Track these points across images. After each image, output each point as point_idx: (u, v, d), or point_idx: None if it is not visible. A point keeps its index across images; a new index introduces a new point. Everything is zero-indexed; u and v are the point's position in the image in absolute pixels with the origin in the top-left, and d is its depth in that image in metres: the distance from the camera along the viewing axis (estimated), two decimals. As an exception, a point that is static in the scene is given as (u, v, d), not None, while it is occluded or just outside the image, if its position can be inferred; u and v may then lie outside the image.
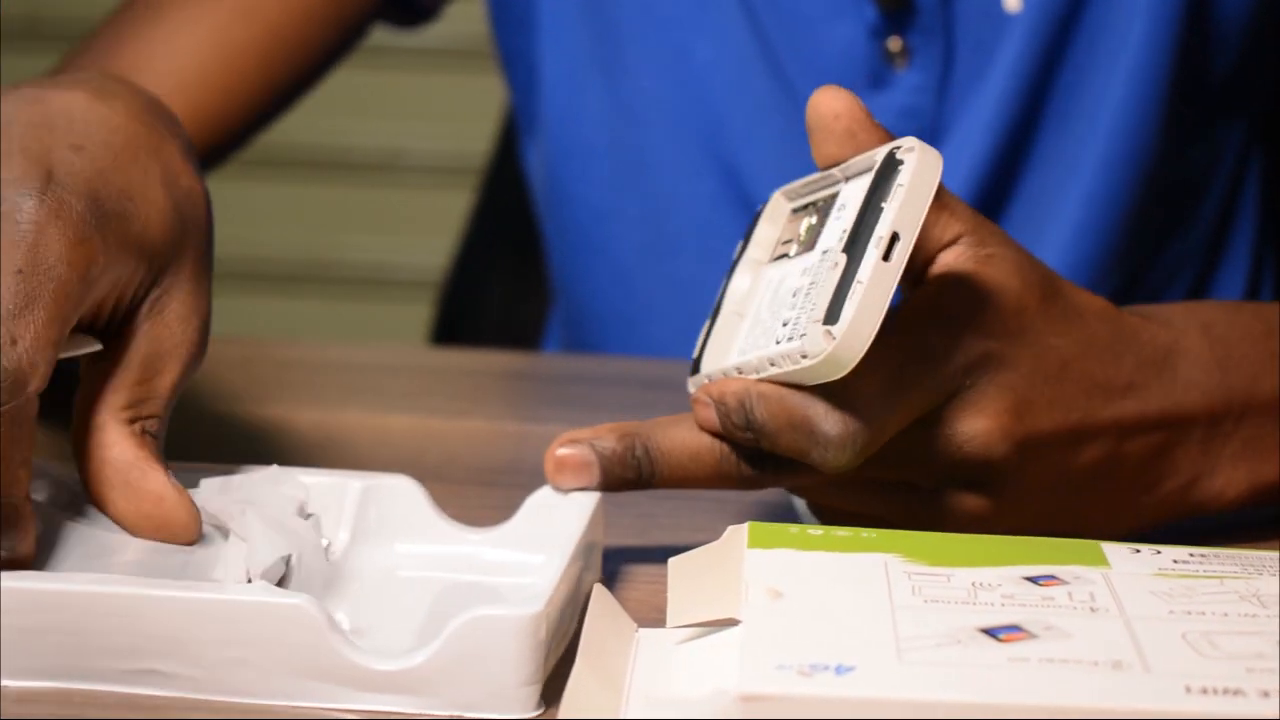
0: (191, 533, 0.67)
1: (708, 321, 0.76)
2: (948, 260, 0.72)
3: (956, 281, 0.71)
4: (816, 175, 0.73)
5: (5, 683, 0.62)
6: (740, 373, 0.70)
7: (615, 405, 0.96)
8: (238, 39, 1.05)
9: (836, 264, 0.67)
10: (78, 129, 0.71)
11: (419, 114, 2.20)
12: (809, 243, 0.72)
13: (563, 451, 0.71)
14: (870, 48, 1.04)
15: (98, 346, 0.69)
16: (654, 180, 1.11)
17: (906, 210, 0.66)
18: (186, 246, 0.71)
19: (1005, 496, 0.72)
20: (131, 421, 0.68)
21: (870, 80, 1.05)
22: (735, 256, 0.77)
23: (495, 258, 1.33)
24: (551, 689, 0.62)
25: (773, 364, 0.68)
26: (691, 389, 0.74)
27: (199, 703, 0.61)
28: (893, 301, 0.67)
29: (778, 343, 0.69)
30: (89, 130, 0.71)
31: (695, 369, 0.75)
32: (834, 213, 0.71)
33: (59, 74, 1.02)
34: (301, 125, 1.50)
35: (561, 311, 1.21)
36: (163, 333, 0.70)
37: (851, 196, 0.70)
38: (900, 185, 0.66)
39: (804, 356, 0.66)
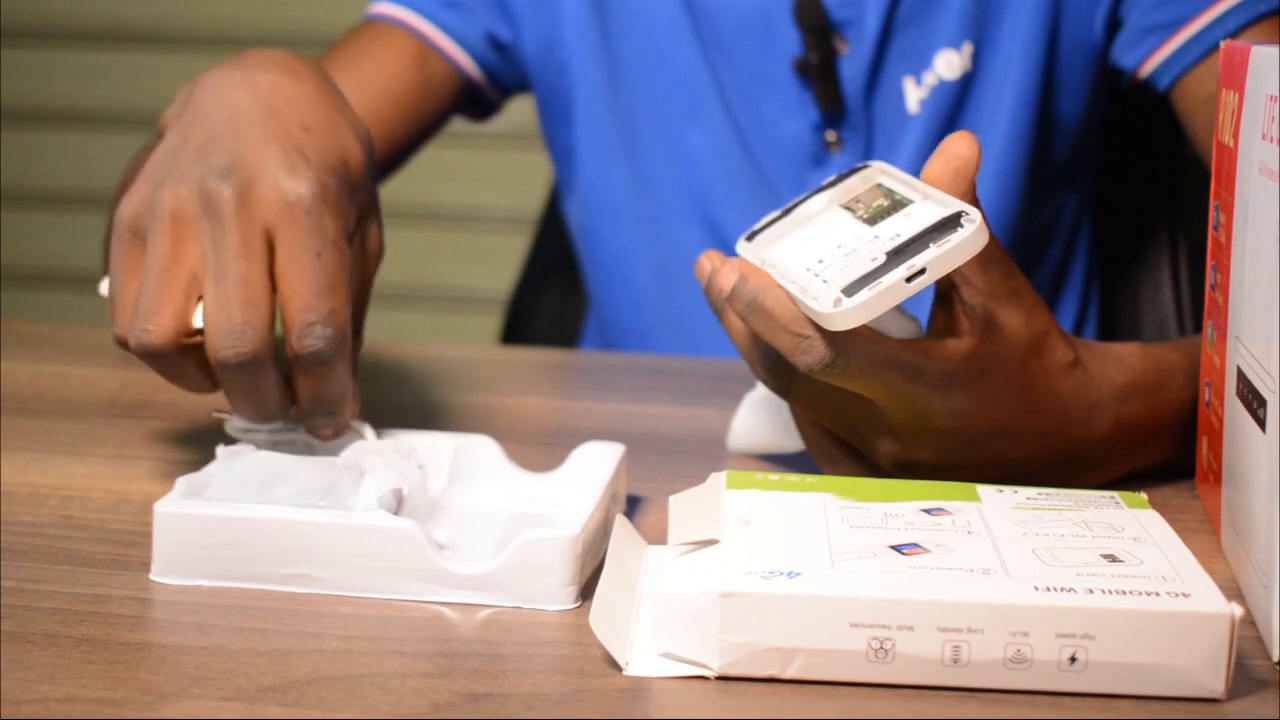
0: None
1: (779, 211, 0.73)
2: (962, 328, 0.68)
3: (966, 354, 0.68)
4: (911, 179, 0.69)
5: (197, 582, 0.62)
6: (774, 266, 0.68)
7: (631, 387, 0.96)
8: None
9: (875, 258, 0.64)
10: (295, 109, 0.69)
11: (491, 180, 2.20)
12: (872, 219, 0.68)
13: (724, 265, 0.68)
14: (814, 138, 1.04)
15: None
16: (658, 231, 1.11)
17: (943, 259, 0.64)
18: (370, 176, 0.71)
19: (940, 451, 0.70)
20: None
21: (813, 161, 1.05)
22: (825, 184, 0.73)
23: (545, 283, 1.33)
24: (588, 589, 0.62)
25: (790, 281, 0.66)
26: (738, 250, 0.71)
27: (336, 597, 0.62)
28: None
29: (807, 269, 0.66)
30: (303, 109, 0.69)
31: (750, 237, 0.72)
32: (900, 214, 0.67)
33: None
34: (408, 186, 1.51)
35: (594, 321, 1.21)
36: (369, 246, 0.71)
37: (919, 214, 0.66)
38: (949, 240, 0.64)
39: (814, 299, 0.64)
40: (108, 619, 0.59)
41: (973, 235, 0.64)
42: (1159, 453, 0.77)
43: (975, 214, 0.65)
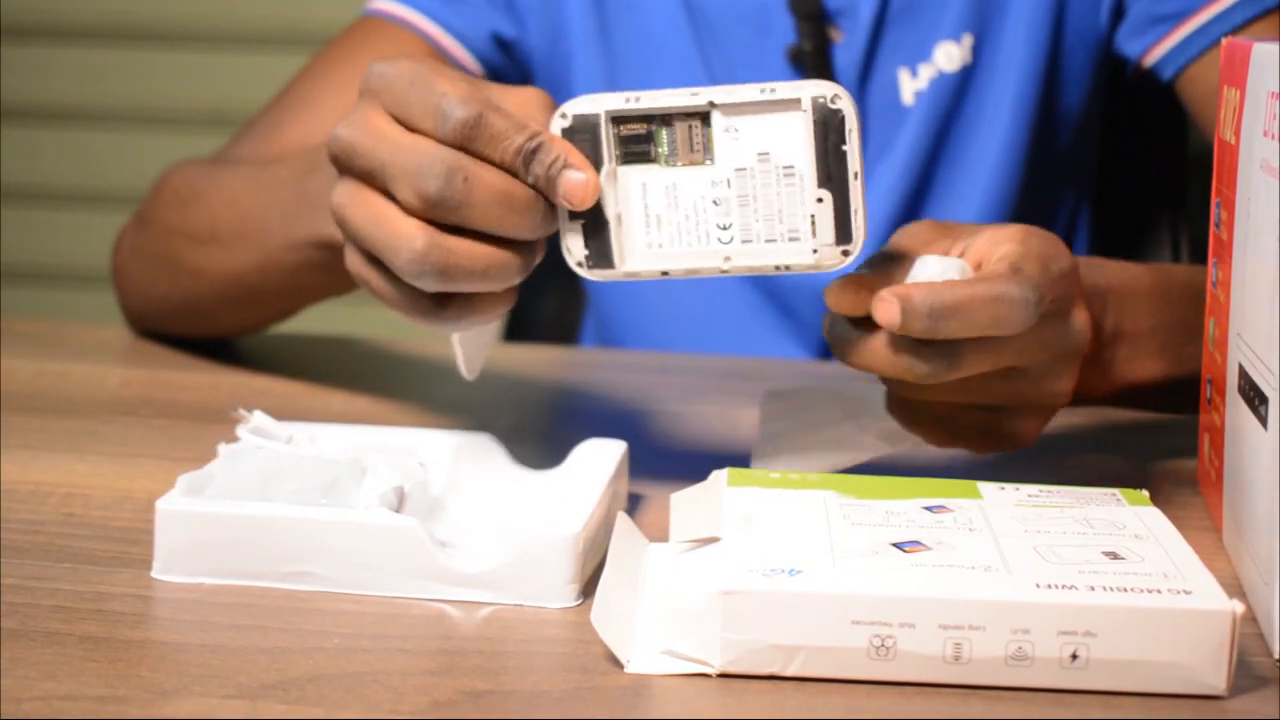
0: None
1: (579, 224, 0.66)
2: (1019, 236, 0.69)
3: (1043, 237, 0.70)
4: (640, 94, 0.65)
5: (199, 580, 0.62)
6: (729, 261, 0.65)
7: (632, 384, 0.96)
8: None
9: (821, 199, 0.63)
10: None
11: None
12: (693, 158, 0.65)
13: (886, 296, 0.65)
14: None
15: None
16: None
17: (860, 152, 0.63)
18: None
19: (1075, 375, 0.71)
20: None
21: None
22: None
23: (545, 280, 1.32)
24: (589, 587, 0.62)
25: (777, 268, 0.65)
26: (593, 277, 0.66)
27: (338, 595, 0.62)
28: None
29: (717, 239, 0.64)
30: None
31: (601, 264, 0.66)
32: (723, 135, 0.64)
33: (233, 146, 1.03)
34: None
35: (594, 318, 1.21)
36: None
37: (754, 128, 0.64)
38: (850, 130, 0.63)
39: (798, 258, 0.64)
40: (109, 617, 0.59)
41: (853, 106, 0.63)
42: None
43: (829, 86, 0.63)
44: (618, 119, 0.65)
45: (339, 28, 1.12)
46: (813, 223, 0.64)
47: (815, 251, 0.64)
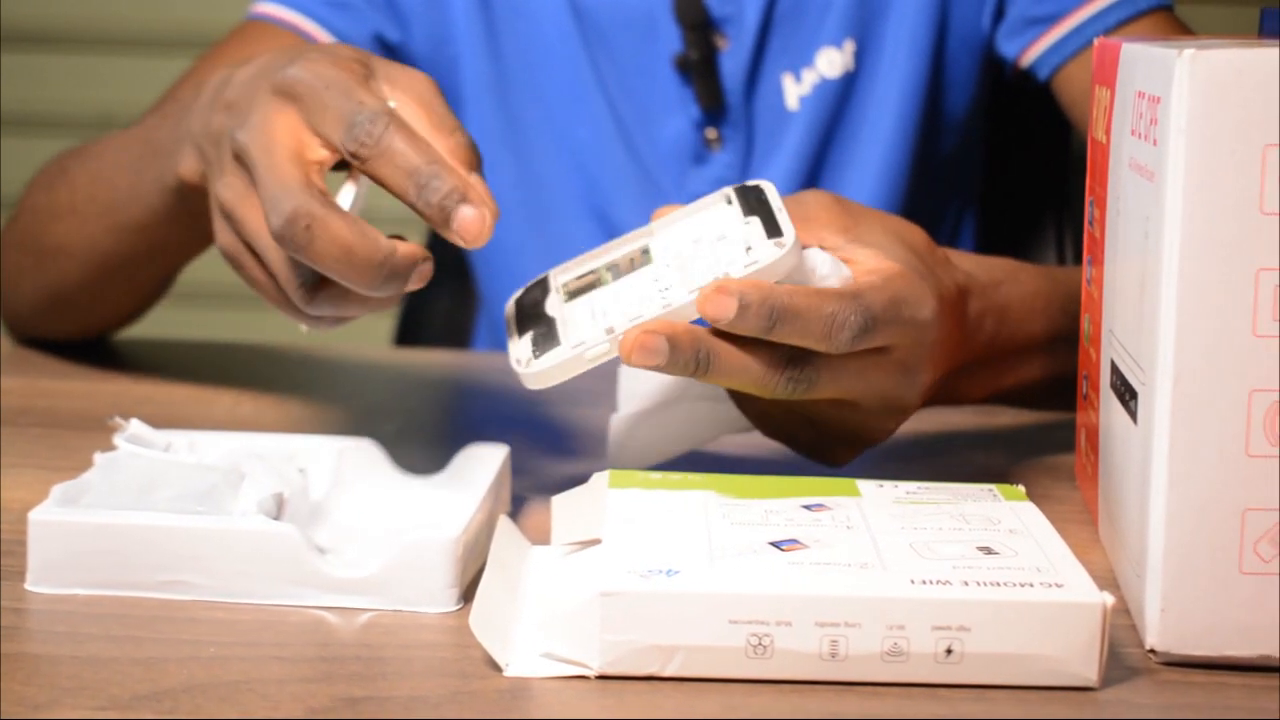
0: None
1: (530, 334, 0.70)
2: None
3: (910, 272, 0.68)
4: (583, 259, 0.72)
5: (73, 591, 0.62)
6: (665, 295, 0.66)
7: (520, 388, 0.95)
8: None
9: (749, 221, 0.67)
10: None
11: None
12: (626, 270, 0.70)
13: (642, 335, 0.64)
14: (695, 136, 1.05)
15: None
16: (549, 226, 1.10)
17: (779, 195, 0.68)
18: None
19: (899, 422, 0.71)
20: None
21: (694, 158, 1.05)
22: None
23: (437, 283, 1.32)
24: (470, 592, 0.62)
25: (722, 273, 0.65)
26: (532, 374, 0.68)
27: (213, 604, 0.61)
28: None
29: (706, 267, 0.66)
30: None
31: (547, 345, 0.68)
32: (660, 250, 0.69)
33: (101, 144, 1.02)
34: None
35: (486, 319, 1.20)
36: None
37: (687, 227, 0.70)
38: (768, 190, 0.68)
39: (755, 262, 0.64)
40: (-20, 630, 0.58)
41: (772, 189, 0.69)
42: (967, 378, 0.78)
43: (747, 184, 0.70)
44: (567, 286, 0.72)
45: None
46: (746, 243, 0.66)
47: (749, 249, 0.65)
